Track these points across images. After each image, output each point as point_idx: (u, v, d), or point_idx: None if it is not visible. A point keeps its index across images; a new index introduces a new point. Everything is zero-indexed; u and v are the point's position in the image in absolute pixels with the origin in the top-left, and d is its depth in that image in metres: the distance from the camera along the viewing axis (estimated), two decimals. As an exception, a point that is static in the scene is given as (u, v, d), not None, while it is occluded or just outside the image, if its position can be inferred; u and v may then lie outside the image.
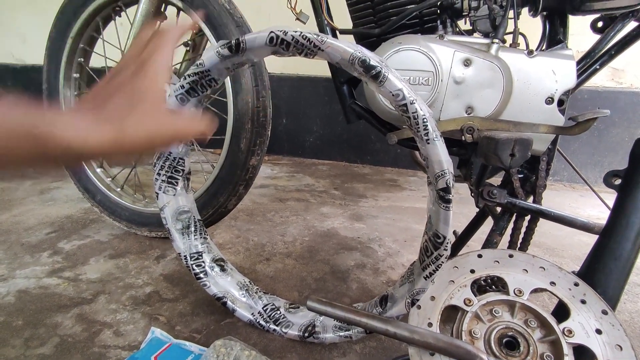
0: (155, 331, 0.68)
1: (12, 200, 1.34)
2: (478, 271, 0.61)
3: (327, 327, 0.68)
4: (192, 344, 0.65)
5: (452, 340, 0.53)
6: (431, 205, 0.57)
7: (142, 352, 0.63)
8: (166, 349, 0.63)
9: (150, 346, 0.65)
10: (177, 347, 0.64)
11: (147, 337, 0.67)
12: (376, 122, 0.82)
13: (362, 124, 1.96)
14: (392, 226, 1.25)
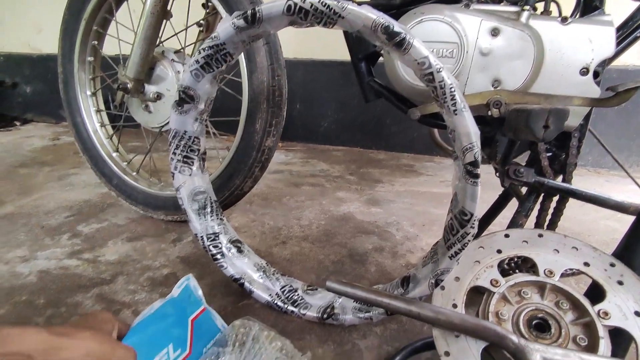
0: (190, 279, 0.63)
1: (33, 185, 1.36)
2: (505, 251, 0.59)
3: (346, 308, 0.67)
4: (218, 317, 0.61)
5: (479, 321, 0.51)
6: (457, 182, 0.54)
7: (177, 300, 0.60)
8: (201, 314, 0.59)
9: (184, 298, 0.60)
10: (209, 316, 0.60)
11: (181, 282, 0.62)
12: (395, 100, 0.79)
13: (377, 109, 1.93)
14: (410, 210, 1.23)
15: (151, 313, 0.57)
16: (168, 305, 0.58)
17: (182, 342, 0.54)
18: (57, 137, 2.07)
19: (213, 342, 0.57)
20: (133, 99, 0.98)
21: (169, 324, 0.55)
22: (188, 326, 0.56)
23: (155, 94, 0.94)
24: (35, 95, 2.42)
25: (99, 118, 1.14)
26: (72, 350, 0.40)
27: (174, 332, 0.55)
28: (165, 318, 0.56)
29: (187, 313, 0.58)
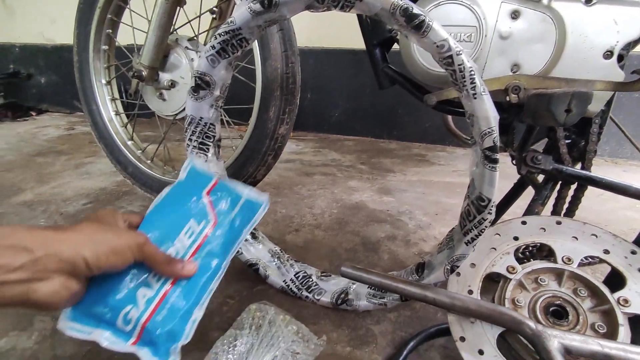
0: (194, 161, 0.59)
1: (51, 174, 1.39)
2: (522, 238, 0.58)
3: (360, 294, 0.67)
4: (237, 183, 0.56)
5: (495, 306, 0.51)
6: (474, 168, 0.53)
7: (186, 182, 0.56)
8: (215, 185, 0.55)
9: (192, 178, 0.56)
10: (225, 185, 0.55)
11: (185, 165, 0.58)
12: (410, 86, 0.78)
13: (389, 98, 1.91)
14: (422, 200, 1.22)
15: (162, 199, 0.54)
16: (178, 188, 0.55)
17: (203, 215, 0.51)
18: (72, 127, 2.10)
19: (239, 209, 0.53)
20: (147, 87, 0.99)
21: (183, 204, 0.52)
22: (205, 199, 0.53)
23: (169, 82, 0.94)
24: (49, 86, 2.46)
25: (113, 106, 1.15)
26: (74, 240, 0.39)
27: (191, 209, 0.52)
28: (178, 199, 0.53)
29: (200, 189, 0.54)
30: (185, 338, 0.44)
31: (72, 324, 0.44)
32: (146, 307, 0.44)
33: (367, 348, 0.62)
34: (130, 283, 0.45)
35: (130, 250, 0.42)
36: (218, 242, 0.50)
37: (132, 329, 0.44)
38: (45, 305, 0.37)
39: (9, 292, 0.34)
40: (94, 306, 0.44)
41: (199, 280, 0.47)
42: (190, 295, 0.46)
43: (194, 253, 0.49)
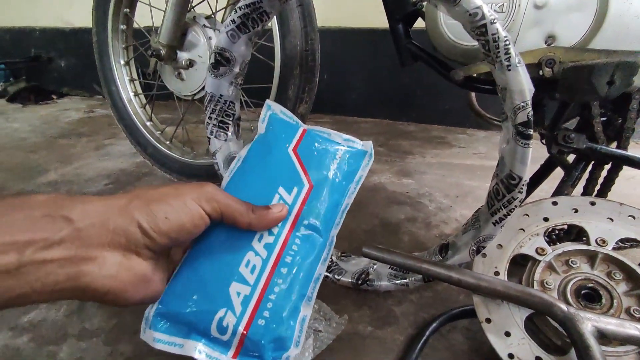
0: (273, 107, 0.47)
1: (73, 155, 1.41)
2: (553, 219, 0.56)
3: (381, 275, 0.67)
4: (331, 132, 0.45)
5: (524, 288, 0.49)
6: (504, 145, 0.51)
7: (267, 137, 0.45)
8: (303, 138, 0.43)
9: (273, 130, 0.45)
10: (316, 135, 0.45)
11: (263, 114, 0.47)
12: (435, 63, 0.75)
13: (408, 79, 1.86)
14: (442, 182, 1.20)
15: (238, 166, 0.43)
16: (258, 145, 0.44)
17: (294, 179, 0.41)
18: (92, 110, 2.13)
19: (337, 164, 0.43)
20: (165, 67, 0.98)
21: (266, 166, 0.42)
22: (292, 159, 0.42)
23: (188, 61, 0.94)
24: (69, 70, 2.49)
25: (132, 87, 1.15)
26: (122, 203, 0.30)
27: (278, 172, 0.41)
28: (259, 161, 0.42)
29: (284, 143, 0.43)
30: (296, 345, 0.35)
31: (158, 335, 0.34)
32: (243, 309, 0.34)
33: (388, 328, 0.61)
34: (219, 275, 0.36)
35: (198, 203, 0.33)
36: (318, 212, 0.39)
37: (230, 339, 0.34)
38: (104, 294, 0.29)
39: (53, 277, 0.26)
40: (181, 310, 0.34)
41: (301, 267, 0.37)
42: (293, 287, 0.36)
43: (290, 231, 0.38)
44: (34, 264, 0.25)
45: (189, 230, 0.33)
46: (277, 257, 0.37)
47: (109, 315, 0.62)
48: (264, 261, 0.36)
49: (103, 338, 0.58)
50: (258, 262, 0.36)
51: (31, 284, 0.26)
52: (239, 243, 0.37)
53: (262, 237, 0.37)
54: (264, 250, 0.37)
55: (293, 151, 0.42)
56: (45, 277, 0.26)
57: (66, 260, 0.27)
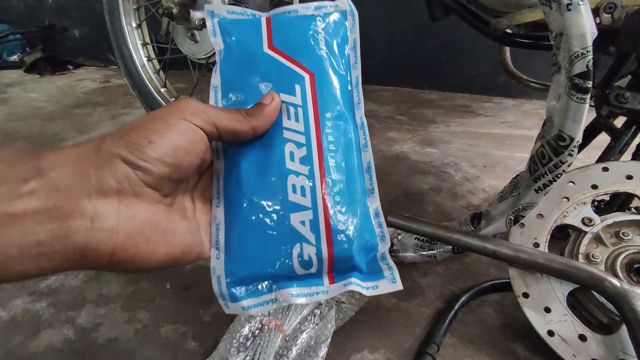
0: (217, 10, 0.37)
1: (89, 124, 1.40)
2: (603, 187, 0.51)
3: (406, 245, 0.63)
4: (295, 4, 0.37)
5: (570, 261, 0.45)
6: (554, 102, 0.45)
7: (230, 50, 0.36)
8: (271, 26, 0.36)
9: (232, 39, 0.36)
10: (283, 17, 0.37)
11: (210, 25, 0.36)
12: (470, 15, 0.68)
13: (431, 45, 1.75)
14: (469, 151, 1.13)
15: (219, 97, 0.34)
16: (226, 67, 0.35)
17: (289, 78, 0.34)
18: (107, 80, 2.10)
19: (325, 36, 0.36)
20: (178, 28, 0.93)
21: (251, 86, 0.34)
22: (274, 57, 0.35)
23: (201, 21, 0.88)
24: (84, 39, 2.45)
25: (145, 52, 1.11)
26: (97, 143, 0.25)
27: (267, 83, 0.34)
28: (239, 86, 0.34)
29: (255, 48, 0.35)
30: (382, 239, 0.32)
31: (246, 302, 0.30)
32: (317, 235, 0.30)
33: (414, 301, 0.58)
34: (273, 215, 0.31)
35: (183, 118, 0.26)
36: (334, 96, 0.34)
37: (318, 269, 0.31)
38: (110, 255, 0.23)
39: (33, 237, 0.20)
40: (255, 270, 0.30)
41: (349, 163, 0.33)
42: (352, 187, 0.32)
43: (317, 132, 0.32)
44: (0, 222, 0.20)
45: (186, 149, 0.26)
46: (319, 166, 0.32)
47: (127, 282, 0.61)
48: (309, 177, 0.31)
49: (121, 304, 0.57)
50: (304, 181, 0.31)
51: (4, 248, 0.20)
52: (272, 173, 0.31)
53: (293, 154, 0.32)
54: (302, 166, 0.32)
55: (270, 48, 0.35)
56: (21, 237, 0.20)
57: (43, 214, 0.21)
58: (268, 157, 0.32)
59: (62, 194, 0.22)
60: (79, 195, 0.22)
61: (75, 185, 0.22)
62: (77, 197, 0.22)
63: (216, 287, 0.30)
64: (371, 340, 0.51)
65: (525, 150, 1.14)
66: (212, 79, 0.35)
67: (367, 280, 0.31)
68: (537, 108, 1.58)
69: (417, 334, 0.53)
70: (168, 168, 0.25)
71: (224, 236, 0.31)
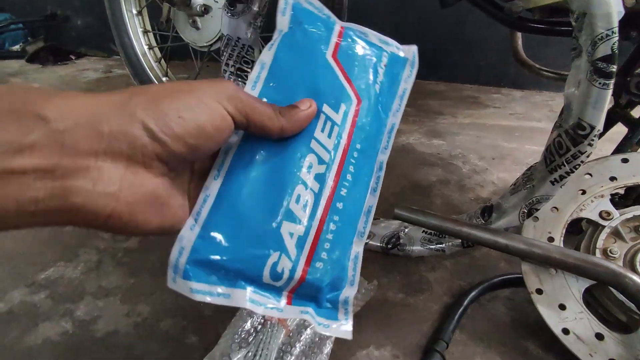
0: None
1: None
2: (622, 179, 0.48)
3: (413, 239, 0.61)
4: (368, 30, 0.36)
5: (587, 257, 0.42)
6: (573, 89, 0.43)
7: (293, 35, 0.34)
8: (342, 38, 0.34)
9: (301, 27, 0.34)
10: (356, 34, 0.35)
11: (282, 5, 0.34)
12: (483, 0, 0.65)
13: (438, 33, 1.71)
14: (477, 143, 1.11)
15: (265, 77, 0.32)
16: (284, 51, 0.33)
17: (339, 95, 0.32)
18: (110, 70, 2.08)
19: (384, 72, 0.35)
20: (179, 14, 0.91)
21: (302, 81, 0.32)
22: (333, 67, 0.33)
23: (202, 7, 0.86)
24: (86, 29, 2.43)
25: (146, 40, 1.09)
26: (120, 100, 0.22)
27: (318, 87, 0.32)
28: (290, 75, 0.32)
29: (320, 48, 0.33)
30: (351, 284, 0.31)
31: (197, 285, 0.27)
32: (299, 252, 0.29)
33: (421, 296, 0.56)
34: (267, 213, 0.29)
35: (218, 101, 0.25)
36: (368, 133, 0.33)
37: (284, 284, 0.29)
38: (106, 218, 0.22)
39: (32, 194, 0.19)
40: (224, 256, 0.28)
41: (357, 199, 0.32)
42: (350, 223, 0.31)
43: (342, 159, 0.31)
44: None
45: (209, 135, 0.25)
46: (331, 190, 0.31)
47: (127, 274, 0.60)
48: (316, 195, 0.30)
49: (120, 297, 0.56)
50: (310, 197, 0.30)
51: (3, 202, 0.19)
52: (284, 173, 0.30)
53: (312, 166, 0.30)
54: (315, 182, 0.30)
55: (333, 57, 0.33)
56: (20, 193, 0.19)
57: (45, 172, 0.19)
58: (287, 157, 0.30)
59: (67, 150, 0.20)
60: (86, 154, 0.21)
61: (83, 142, 0.20)
62: (83, 156, 0.20)
63: (174, 256, 0.28)
64: (377, 337, 0.50)
65: (535, 142, 1.12)
66: (262, 54, 0.33)
67: (321, 316, 0.31)
68: (547, 100, 1.54)
69: (424, 330, 0.51)
70: (186, 148, 0.24)
71: (208, 210, 0.29)
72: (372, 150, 0.33)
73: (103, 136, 0.21)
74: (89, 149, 0.21)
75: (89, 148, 0.21)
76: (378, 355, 0.48)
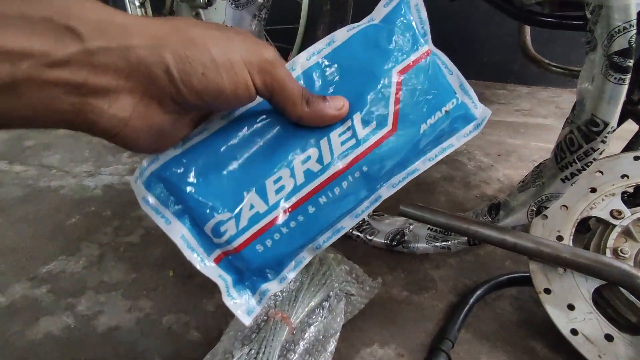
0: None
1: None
2: (635, 177, 0.47)
3: (418, 236, 0.60)
4: (454, 71, 0.35)
5: (598, 256, 0.42)
6: (587, 84, 0.41)
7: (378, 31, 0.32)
8: (420, 61, 0.32)
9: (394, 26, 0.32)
10: (436, 66, 0.34)
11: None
12: (493, -7, 0.63)
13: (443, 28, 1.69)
14: (482, 140, 1.09)
15: (328, 53, 0.31)
16: (360, 38, 0.32)
17: (376, 110, 0.31)
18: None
19: (439, 117, 0.33)
20: (183, 6, 0.89)
21: (354, 77, 0.31)
22: (391, 81, 0.31)
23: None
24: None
25: (149, 33, 1.08)
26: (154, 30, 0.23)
27: (363, 91, 0.31)
28: (348, 63, 0.31)
29: (391, 57, 0.31)
30: (280, 281, 0.32)
31: (150, 198, 0.29)
32: (248, 226, 0.29)
33: (426, 294, 0.56)
34: (242, 174, 0.29)
35: (249, 69, 0.24)
36: (385, 163, 0.31)
37: (219, 244, 0.30)
38: (111, 136, 0.24)
39: (58, 104, 0.21)
40: (183, 187, 0.28)
41: (331, 213, 0.31)
42: (311, 230, 0.31)
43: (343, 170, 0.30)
44: (33, 84, 0.20)
45: (227, 99, 0.25)
46: (312, 191, 0.30)
47: (129, 269, 0.59)
48: (295, 188, 0.30)
49: (122, 292, 0.55)
50: (289, 185, 0.30)
51: (34, 106, 0.21)
52: (280, 151, 0.29)
53: (309, 160, 0.30)
54: (302, 175, 0.30)
55: (398, 74, 0.31)
56: (49, 101, 0.21)
57: (73, 87, 0.21)
58: (291, 138, 0.30)
59: (96, 71, 0.21)
60: (110, 78, 0.22)
61: (110, 66, 0.22)
62: (108, 79, 0.22)
63: (146, 161, 0.29)
64: (381, 335, 0.49)
65: (541, 139, 1.10)
66: (338, 31, 0.32)
67: (235, 290, 0.31)
68: (553, 96, 1.53)
69: (429, 328, 0.50)
70: (201, 102, 0.25)
71: (198, 141, 0.29)
72: (376, 181, 0.32)
73: (128, 64, 0.22)
74: (114, 74, 0.22)
75: (114, 73, 0.22)
76: (382, 354, 0.47)
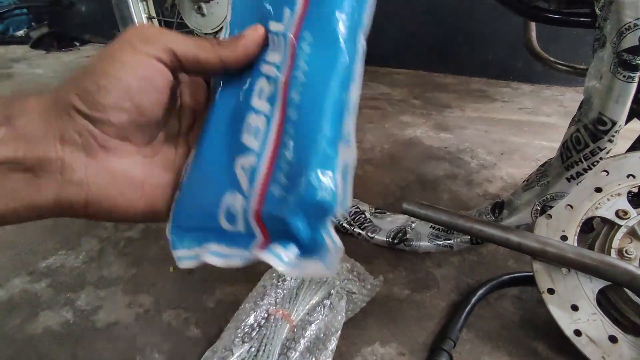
0: None
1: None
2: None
3: (421, 234, 0.60)
4: None
5: (603, 256, 0.41)
6: (594, 82, 0.41)
7: None
8: None
9: None
10: None
11: None
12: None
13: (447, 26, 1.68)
14: (485, 138, 1.08)
15: None
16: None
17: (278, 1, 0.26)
18: (114, 57, 2.07)
19: None
20: (185, 1, 0.89)
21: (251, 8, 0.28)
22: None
23: (208, -8, 0.84)
24: (90, 16, 2.40)
25: (150, 26, 1.07)
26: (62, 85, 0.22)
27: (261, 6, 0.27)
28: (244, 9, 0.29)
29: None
30: (342, 203, 0.22)
31: (180, 252, 0.27)
32: (251, 183, 0.24)
33: (428, 292, 0.55)
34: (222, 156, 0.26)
35: (137, 52, 0.22)
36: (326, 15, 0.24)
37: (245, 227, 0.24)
38: (84, 207, 0.22)
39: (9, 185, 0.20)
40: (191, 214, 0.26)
41: (322, 97, 0.23)
42: (316, 127, 0.23)
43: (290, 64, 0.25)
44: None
45: (143, 88, 0.22)
46: (282, 102, 0.24)
47: (129, 264, 0.59)
48: (267, 116, 0.25)
49: (122, 287, 0.55)
50: (261, 121, 0.25)
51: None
52: (239, 111, 0.26)
53: (262, 90, 0.26)
54: (266, 104, 0.25)
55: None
56: (7, 186, 0.20)
57: (15, 164, 0.20)
58: (240, 95, 0.27)
59: (30, 143, 0.21)
60: (46, 145, 0.21)
61: (41, 134, 0.21)
62: (44, 147, 0.21)
63: (167, 228, 0.27)
64: (383, 333, 0.49)
65: (545, 138, 1.09)
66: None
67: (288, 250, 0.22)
68: (557, 94, 1.51)
69: (431, 327, 0.50)
70: (127, 114, 0.22)
71: (187, 176, 0.27)
72: (339, 30, 0.24)
73: (54, 126, 0.21)
74: (47, 140, 0.21)
75: (47, 140, 0.21)
76: (383, 352, 0.47)
